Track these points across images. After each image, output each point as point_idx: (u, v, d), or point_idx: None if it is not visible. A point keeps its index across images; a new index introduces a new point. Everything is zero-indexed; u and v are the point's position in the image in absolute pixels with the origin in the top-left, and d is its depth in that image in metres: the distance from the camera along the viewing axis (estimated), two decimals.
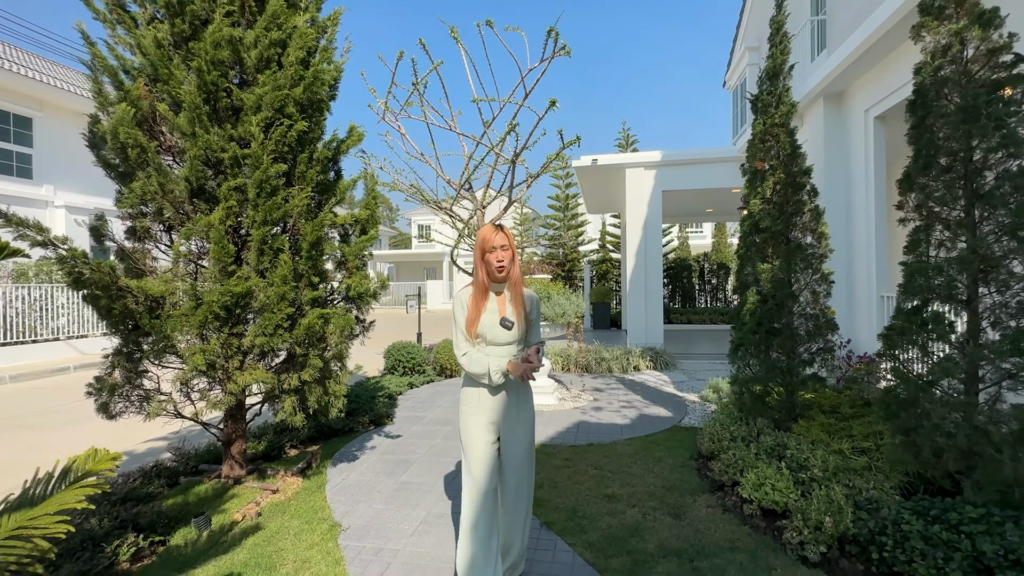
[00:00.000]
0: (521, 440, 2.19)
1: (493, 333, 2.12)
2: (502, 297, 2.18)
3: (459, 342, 2.18)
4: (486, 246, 2.11)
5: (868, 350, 5.46)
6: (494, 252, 2.10)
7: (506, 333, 2.12)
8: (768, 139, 4.05)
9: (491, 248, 2.10)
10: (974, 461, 2.43)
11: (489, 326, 2.12)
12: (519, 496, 2.20)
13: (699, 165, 8.91)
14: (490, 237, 2.11)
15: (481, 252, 2.12)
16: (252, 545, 2.78)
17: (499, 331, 2.11)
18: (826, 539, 2.45)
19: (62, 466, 1.46)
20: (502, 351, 2.13)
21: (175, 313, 2.68)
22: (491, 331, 2.12)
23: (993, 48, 2.52)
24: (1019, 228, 2.43)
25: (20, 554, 1.24)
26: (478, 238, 2.13)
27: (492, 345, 2.13)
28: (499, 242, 2.10)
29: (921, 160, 2.74)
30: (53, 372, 8.97)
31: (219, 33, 2.75)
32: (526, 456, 2.21)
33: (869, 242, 5.45)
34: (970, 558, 2.08)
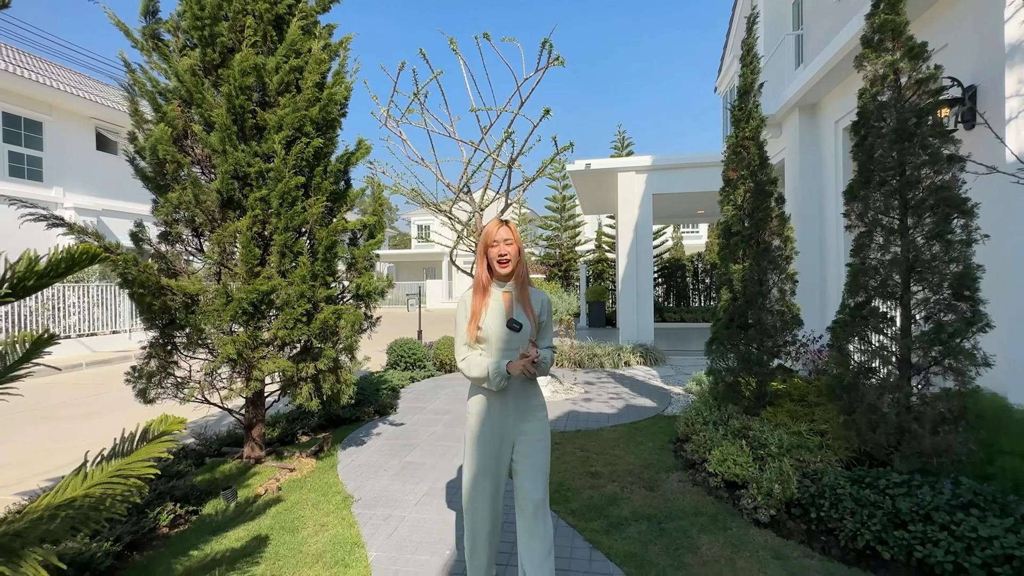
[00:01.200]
0: (535, 448, 2.00)
1: (498, 336, 1.95)
2: (509, 297, 2.02)
3: (459, 346, 2.03)
4: (488, 240, 1.99)
5: None
6: (497, 246, 1.97)
7: (514, 336, 1.95)
8: (740, 151, 4.43)
9: (493, 242, 1.98)
10: (902, 436, 2.81)
11: (494, 328, 1.96)
12: (536, 507, 1.95)
13: (688, 169, 9.29)
14: (493, 230, 2.00)
15: (484, 246, 2.01)
16: (275, 513, 3.16)
17: (505, 334, 1.95)
18: (775, 503, 2.83)
19: (141, 428, 1.83)
20: (512, 356, 1.95)
21: (208, 309, 3.06)
22: (496, 334, 1.95)
23: (921, 78, 2.90)
24: (943, 234, 2.82)
25: (123, 488, 1.62)
26: (482, 234, 2.01)
27: (499, 351, 1.96)
28: (503, 236, 1.98)
29: (863, 175, 3.12)
30: (67, 368, 9.32)
31: (246, 62, 3.12)
32: (541, 466, 2.00)
33: (839, 244, 5.83)
34: (890, 514, 2.46)
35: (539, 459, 2.00)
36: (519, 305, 2.00)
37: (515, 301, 2.01)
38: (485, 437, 1.99)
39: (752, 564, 2.46)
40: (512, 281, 2.03)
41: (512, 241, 1.99)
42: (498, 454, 1.99)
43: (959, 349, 2.74)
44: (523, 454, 2.00)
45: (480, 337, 1.98)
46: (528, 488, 1.97)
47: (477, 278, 2.03)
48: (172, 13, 3.44)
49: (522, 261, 2.03)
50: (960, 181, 2.85)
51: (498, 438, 1.99)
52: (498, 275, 2.02)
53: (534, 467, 1.99)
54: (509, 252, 1.97)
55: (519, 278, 2.02)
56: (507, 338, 1.95)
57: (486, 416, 2.00)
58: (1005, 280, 3.29)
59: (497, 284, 2.04)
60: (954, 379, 2.76)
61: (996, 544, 2.13)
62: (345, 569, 2.51)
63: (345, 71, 3.63)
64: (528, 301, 2.02)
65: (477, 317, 1.97)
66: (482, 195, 9.25)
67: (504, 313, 1.98)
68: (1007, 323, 3.27)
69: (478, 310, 1.98)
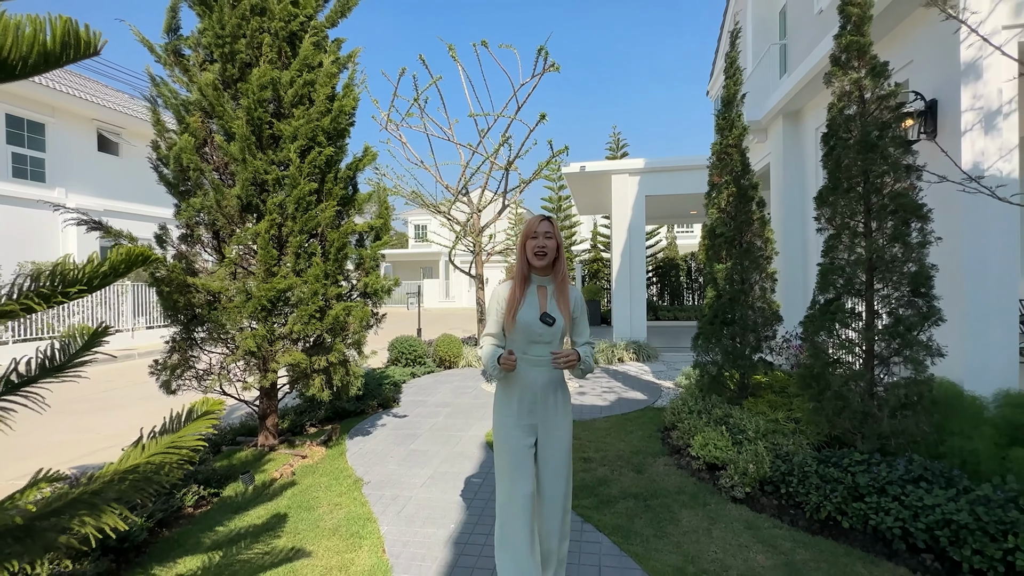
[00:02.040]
0: (559, 444, 2.04)
1: (531, 329, 1.98)
2: (544, 291, 2.05)
3: (484, 335, 2.10)
4: (529, 232, 2.02)
5: None
6: (536, 238, 2.00)
7: (546, 330, 1.98)
8: (724, 157, 4.72)
9: (534, 234, 2.01)
10: (865, 420, 3.09)
11: (528, 322, 1.98)
12: (555, 503, 2.02)
13: (680, 172, 9.58)
14: (534, 224, 2.03)
15: (524, 239, 2.04)
16: (291, 495, 3.42)
17: (538, 327, 1.98)
18: (750, 482, 3.11)
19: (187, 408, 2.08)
20: (540, 349, 2.01)
21: (230, 305, 3.31)
22: (528, 327, 1.98)
23: (883, 95, 3.18)
24: (902, 236, 3.10)
25: (177, 458, 1.89)
26: (524, 226, 2.03)
27: (531, 343, 2.01)
28: (543, 229, 2.01)
29: (832, 181, 3.40)
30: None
31: (264, 77, 3.37)
32: (563, 461, 2.05)
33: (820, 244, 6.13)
34: (850, 488, 2.74)
35: (560, 457, 2.03)
36: (554, 300, 2.02)
37: (551, 296, 2.03)
38: (512, 431, 2.02)
39: (727, 533, 2.74)
40: (550, 276, 2.06)
41: (551, 235, 2.01)
42: (524, 448, 2.01)
43: (916, 341, 3.03)
44: (546, 451, 2.03)
45: (514, 327, 2.00)
46: (548, 487, 2.02)
47: (517, 270, 2.05)
48: (192, 30, 3.69)
49: (561, 257, 2.04)
50: (918, 188, 3.14)
51: (525, 432, 2.02)
52: (536, 269, 2.04)
53: (554, 465, 2.02)
54: (547, 246, 1.99)
55: (558, 274, 2.04)
56: (540, 331, 1.98)
57: (511, 411, 2.04)
58: (961, 279, 3.58)
59: (536, 278, 2.06)
60: (912, 368, 3.05)
61: (938, 511, 2.41)
62: (360, 540, 2.77)
63: (354, 83, 3.88)
64: (565, 297, 2.03)
65: (513, 308, 1.99)
66: (480, 196, 9.52)
67: (539, 307, 2.00)
68: (963, 318, 3.56)
69: (515, 301, 1.99)
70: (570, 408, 2.13)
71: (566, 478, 2.05)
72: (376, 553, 2.64)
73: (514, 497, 1.96)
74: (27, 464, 4.16)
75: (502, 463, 2.04)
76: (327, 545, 2.74)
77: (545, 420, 2.04)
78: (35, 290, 1.56)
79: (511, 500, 1.98)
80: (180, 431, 2.00)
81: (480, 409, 5.54)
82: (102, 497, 1.69)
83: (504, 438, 2.04)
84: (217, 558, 2.68)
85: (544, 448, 2.04)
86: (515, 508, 1.96)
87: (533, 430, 2.04)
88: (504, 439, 2.04)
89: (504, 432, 2.04)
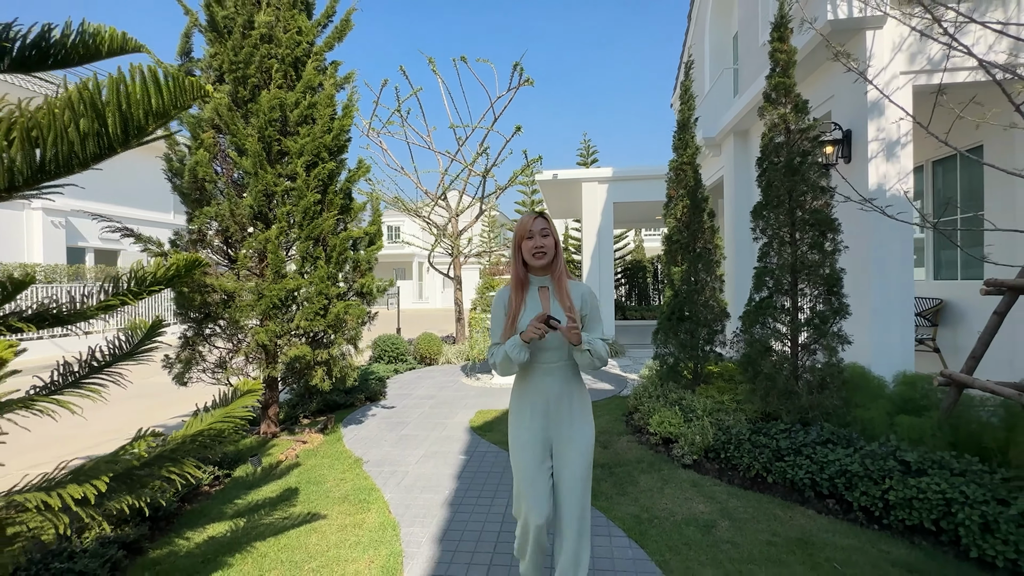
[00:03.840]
0: (576, 457, 1.89)
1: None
2: (546, 292, 1.92)
3: (491, 347, 1.95)
4: (524, 232, 1.88)
5: None
6: (532, 238, 1.87)
7: (553, 335, 1.84)
8: (680, 173, 5.35)
9: (529, 234, 1.87)
10: (789, 397, 3.73)
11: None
12: (569, 519, 1.88)
13: (646, 180, 10.28)
14: (528, 222, 1.89)
15: (518, 240, 1.91)
16: (298, 473, 3.82)
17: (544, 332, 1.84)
18: (696, 451, 3.71)
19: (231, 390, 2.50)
20: (550, 355, 1.89)
21: (242, 304, 3.70)
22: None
23: (804, 128, 3.83)
24: (818, 245, 3.76)
25: (230, 426, 2.31)
26: (516, 227, 1.92)
27: (540, 350, 1.88)
28: (539, 227, 1.87)
29: (765, 198, 4.04)
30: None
31: (274, 100, 3.77)
32: (580, 476, 1.88)
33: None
34: (774, 451, 3.35)
35: (579, 471, 1.88)
36: (557, 301, 1.89)
37: (553, 297, 1.90)
38: (525, 444, 1.90)
39: (676, 491, 3.32)
40: (549, 276, 1.93)
41: (548, 232, 1.89)
42: (540, 462, 1.90)
43: (829, 332, 3.68)
44: (562, 463, 1.90)
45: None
46: (564, 504, 1.89)
47: (514, 275, 1.92)
48: (204, 54, 4.05)
49: (559, 254, 1.93)
50: (832, 205, 3.80)
51: (540, 445, 1.91)
52: (534, 269, 1.93)
53: (573, 478, 1.88)
54: (546, 244, 1.86)
55: (556, 272, 1.91)
56: (547, 336, 1.83)
57: (523, 422, 1.93)
58: (869, 280, 4.28)
59: (535, 279, 1.94)
60: (826, 354, 3.70)
61: (838, 464, 3.04)
62: (368, 505, 3.22)
63: (352, 104, 4.30)
64: (567, 296, 1.89)
65: (514, 316, 1.86)
66: (458, 201, 9.99)
67: (541, 310, 1.88)
68: (870, 312, 4.26)
69: (516, 308, 1.87)
70: (590, 417, 1.96)
71: (582, 494, 1.88)
72: (383, 513, 3.10)
73: (527, 526, 1.88)
74: (34, 456, 4.40)
75: (517, 483, 1.93)
76: (339, 510, 3.17)
77: (560, 431, 1.91)
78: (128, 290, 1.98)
79: (524, 531, 1.91)
80: (229, 406, 2.44)
81: (462, 400, 6.02)
82: (180, 453, 2.13)
83: (516, 455, 1.92)
84: (242, 523, 3.08)
85: (559, 460, 1.90)
86: (528, 537, 1.90)
87: (547, 445, 1.92)
88: (516, 456, 1.92)
89: (516, 447, 1.92)
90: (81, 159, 1.38)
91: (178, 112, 1.52)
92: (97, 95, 1.31)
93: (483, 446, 4.33)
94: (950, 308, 5.52)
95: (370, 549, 2.68)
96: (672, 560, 2.51)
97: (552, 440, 1.93)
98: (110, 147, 1.39)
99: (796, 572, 2.38)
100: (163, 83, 1.37)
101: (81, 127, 1.31)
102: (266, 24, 3.86)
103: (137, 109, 1.35)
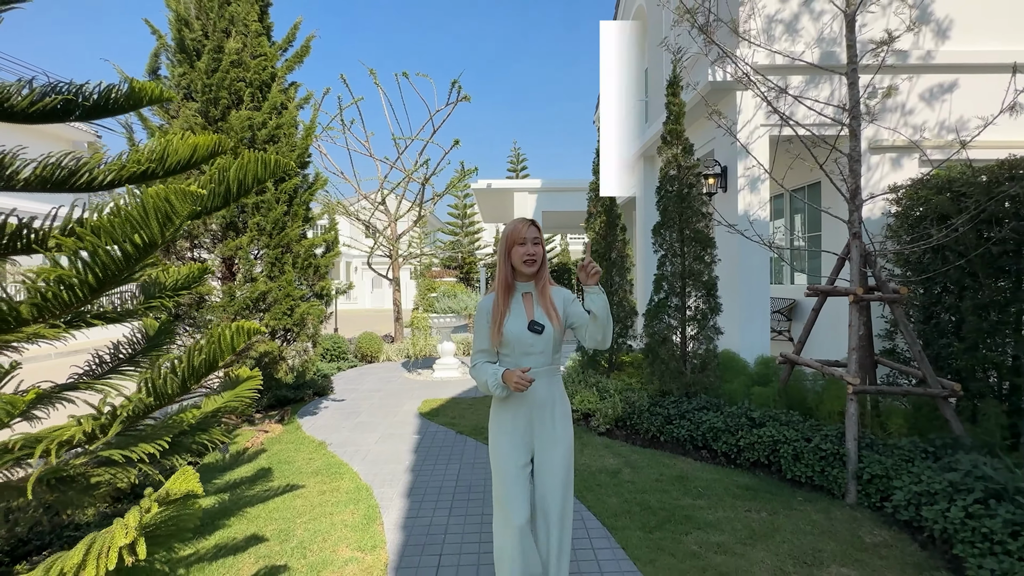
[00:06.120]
0: (558, 461, 1.94)
1: (520, 340, 1.89)
2: (530, 298, 1.96)
3: (474, 352, 1.99)
4: (516, 238, 1.89)
5: None
6: (524, 245, 1.89)
7: (537, 339, 1.88)
8: (599, 192, 6.32)
9: (522, 240, 1.89)
10: (678, 376, 4.77)
11: (517, 332, 1.89)
12: (549, 522, 1.93)
13: (571, 192, 11.35)
14: (521, 229, 1.90)
15: (508, 245, 1.92)
16: (267, 457, 4.26)
17: (528, 337, 1.89)
18: (608, 421, 4.64)
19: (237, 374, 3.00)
20: (533, 360, 1.90)
21: (215, 305, 4.07)
22: (517, 337, 1.89)
23: (690, 165, 4.90)
24: (701, 257, 4.83)
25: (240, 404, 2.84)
26: (506, 232, 1.93)
27: (524, 355, 1.91)
28: (531, 235, 1.90)
29: (662, 219, 5.07)
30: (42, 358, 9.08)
31: (244, 120, 4.18)
32: (561, 479, 1.94)
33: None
34: (665, 417, 4.34)
35: (561, 473, 1.94)
36: (540, 307, 1.94)
37: (536, 303, 1.95)
38: (507, 449, 1.93)
39: (592, 451, 4.20)
40: (533, 283, 1.97)
41: (539, 241, 1.93)
42: (521, 467, 1.93)
43: (708, 326, 4.76)
44: (545, 468, 1.94)
45: (502, 341, 1.91)
46: (548, 502, 1.93)
47: (501, 280, 1.94)
48: (171, 73, 4.35)
49: (546, 263, 1.97)
50: (711, 226, 4.89)
51: (522, 449, 1.94)
52: (520, 276, 1.96)
53: (554, 480, 1.93)
54: (537, 252, 1.90)
55: (541, 282, 1.96)
56: (530, 341, 1.89)
57: (506, 427, 1.95)
58: (739, 285, 5.48)
59: (519, 285, 1.98)
60: (706, 343, 4.78)
61: (708, 423, 4.06)
62: (340, 476, 3.78)
63: (313, 126, 4.78)
64: (550, 302, 1.94)
65: (499, 320, 1.90)
66: (397, 206, 10.46)
67: (525, 315, 1.92)
68: (740, 310, 5.46)
69: (502, 313, 1.91)
70: (571, 422, 2.03)
71: (563, 497, 1.93)
72: (356, 480, 3.68)
73: (507, 529, 1.90)
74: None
75: (497, 487, 1.96)
76: (314, 481, 3.71)
77: (543, 435, 1.95)
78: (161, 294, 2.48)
79: (505, 528, 1.92)
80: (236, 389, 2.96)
81: (408, 392, 6.60)
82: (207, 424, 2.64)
83: (498, 459, 1.95)
84: (227, 497, 3.52)
85: (541, 465, 1.95)
86: (508, 541, 1.89)
87: (529, 448, 1.96)
88: (498, 459, 1.95)
89: (498, 452, 1.96)
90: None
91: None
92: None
93: (433, 427, 4.99)
94: (799, 306, 6.99)
95: (350, 505, 3.28)
96: (588, 495, 3.36)
97: (535, 443, 1.96)
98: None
99: (673, 495, 3.32)
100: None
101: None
102: (236, 51, 4.26)
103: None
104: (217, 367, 1.56)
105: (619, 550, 2.68)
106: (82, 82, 1.94)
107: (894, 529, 2.86)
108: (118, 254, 1.27)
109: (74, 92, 1.92)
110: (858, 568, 2.49)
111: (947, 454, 3.08)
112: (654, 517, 3.01)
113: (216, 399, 2.85)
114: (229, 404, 2.79)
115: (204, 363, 1.50)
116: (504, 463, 1.93)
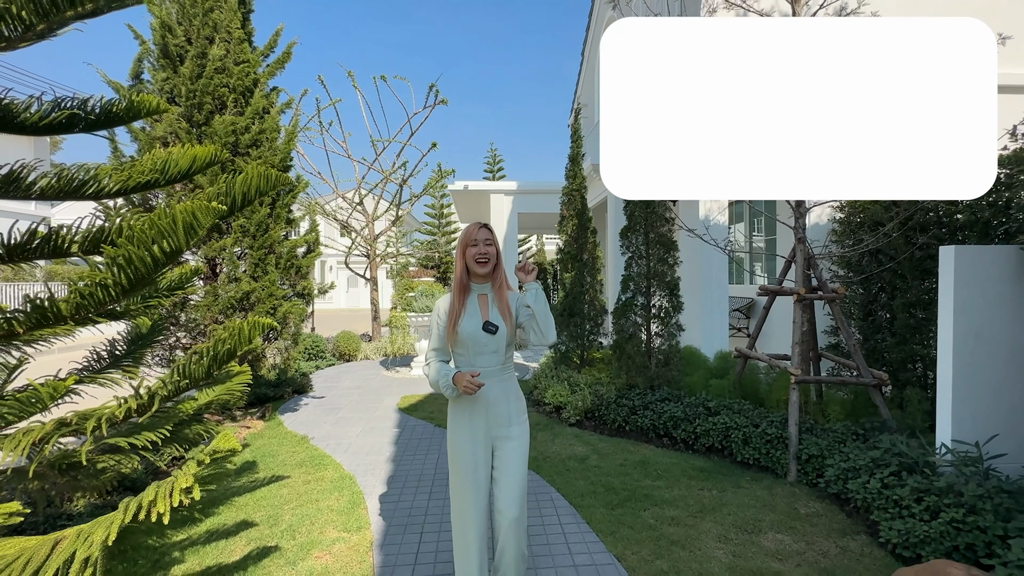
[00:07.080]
0: (514, 458, 1.99)
1: (474, 339, 1.95)
2: (485, 299, 2.02)
3: (428, 351, 2.05)
4: (469, 240, 1.99)
5: None
6: (476, 246, 1.97)
7: (490, 339, 1.94)
8: (571, 197, 6.63)
9: (473, 241, 1.98)
10: (644, 370, 5.11)
11: (471, 332, 1.95)
12: (507, 519, 1.94)
13: (545, 194, 11.65)
14: (472, 231, 2.00)
15: (463, 247, 2.00)
16: (251, 451, 4.41)
17: (482, 336, 1.94)
18: (578, 413, 4.94)
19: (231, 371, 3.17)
20: (487, 360, 1.96)
21: (200, 304, 4.20)
22: (471, 337, 1.95)
23: None
24: (664, 260, 5.18)
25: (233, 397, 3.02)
26: (461, 235, 2.02)
27: (477, 355, 1.97)
28: (482, 236, 1.98)
29: (629, 223, 5.40)
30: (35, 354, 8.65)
31: (228, 125, 4.32)
32: (517, 477, 1.98)
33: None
34: (631, 408, 4.67)
35: (517, 472, 1.98)
36: (495, 308, 1.99)
37: (492, 303, 2.00)
38: (463, 445, 1.98)
39: (563, 440, 4.49)
40: (489, 283, 2.04)
41: (492, 242, 2.00)
42: (476, 464, 1.97)
43: (671, 323, 5.11)
44: (501, 465, 1.99)
45: (456, 340, 1.97)
46: (504, 503, 1.95)
47: (457, 279, 2.01)
48: (154, 78, 4.44)
49: (500, 264, 2.03)
50: (674, 231, 5.24)
51: (478, 446, 1.98)
52: (476, 276, 2.02)
53: (511, 481, 1.96)
54: (488, 252, 1.98)
55: (497, 282, 2.02)
56: (484, 340, 1.95)
57: (462, 424, 1.99)
58: (700, 285, 5.86)
59: (475, 286, 2.04)
60: (669, 340, 5.13)
61: (669, 413, 4.40)
62: (324, 466, 3.97)
63: (295, 132, 4.93)
64: (506, 304, 2.00)
65: (454, 318, 1.96)
66: (375, 207, 10.57)
67: (480, 316, 1.97)
68: (701, 308, 5.84)
69: (457, 312, 1.97)
70: (526, 420, 2.08)
71: (520, 496, 1.97)
72: (339, 470, 3.88)
73: (465, 527, 1.96)
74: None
75: (454, 487, 2.01)
76: (300, 471, 3.89)
77: (499, 433, 2.00)
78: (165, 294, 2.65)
79: (462, 529, 1.97)
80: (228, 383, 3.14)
81: (387, 389, 6.78)
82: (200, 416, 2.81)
83: (455, 459, 2.00)
84: (214, 487, 3.67)
85: (498, 462, 2.00)
86: (465, 539, 1.96)
87: (487, 446, 2.00)
88: (455, 460, 2.00)
89: (455, 451, 2.00)
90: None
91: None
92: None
93: (412, 422, 5.20)
94: (756, 305, 7.46)
95: (335, 492, 3.48)
96: (558, 479, 3.64)
97: (493, 441, 2.01)
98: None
99: (635, 477, 3.63)
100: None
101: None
102: (219, 57, 4.39)
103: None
104: (236, 355, 1.77)
105: (584, 524, 2.97)
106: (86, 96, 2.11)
107: (826, 502, 3.24)
108: (149, 260, 1.48)
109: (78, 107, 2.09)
110: (791, 534, 2.84)
111: (874, 436, 3.47)
112: (616, 496, 3.31)
113: (209, 392, 3.03)
114: (221, 397, 2.98)
115: (226, 352, 1.72)
116: (459, 464, 1.98)
